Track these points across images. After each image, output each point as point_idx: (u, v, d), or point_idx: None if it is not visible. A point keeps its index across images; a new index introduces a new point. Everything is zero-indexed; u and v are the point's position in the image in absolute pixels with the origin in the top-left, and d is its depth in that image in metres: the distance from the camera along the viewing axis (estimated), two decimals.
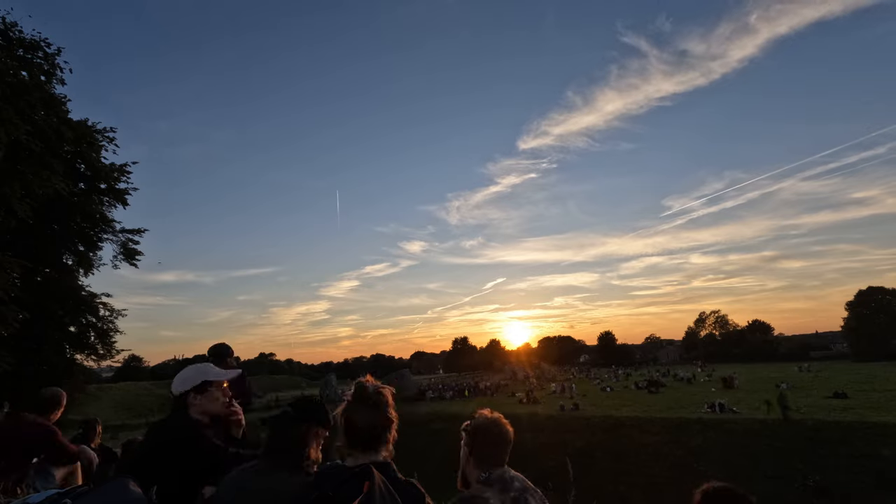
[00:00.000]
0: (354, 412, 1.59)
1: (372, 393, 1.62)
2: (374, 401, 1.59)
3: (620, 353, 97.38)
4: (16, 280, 14.36)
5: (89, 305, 18.52)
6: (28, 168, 13.41)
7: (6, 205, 12.95)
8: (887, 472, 14.21)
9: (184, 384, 2.05)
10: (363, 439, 1.54)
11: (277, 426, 1.72)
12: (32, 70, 14.57)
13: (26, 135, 12.82)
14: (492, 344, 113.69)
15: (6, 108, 12.18)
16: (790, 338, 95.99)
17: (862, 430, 16.91)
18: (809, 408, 21.72)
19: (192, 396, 2.03)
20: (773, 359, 73.40)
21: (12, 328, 13.15)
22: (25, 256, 14.39)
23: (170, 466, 1.84)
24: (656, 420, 22.18)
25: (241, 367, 2.78)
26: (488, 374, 71.10)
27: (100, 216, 18.60)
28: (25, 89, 13.54)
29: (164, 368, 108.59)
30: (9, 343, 13.76)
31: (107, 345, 19.09)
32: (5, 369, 13.25)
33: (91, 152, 17.46)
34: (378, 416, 1.57)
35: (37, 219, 14.54)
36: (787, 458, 16.30)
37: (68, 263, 18.72)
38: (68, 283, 18.01)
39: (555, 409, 28.38)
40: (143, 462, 1.95)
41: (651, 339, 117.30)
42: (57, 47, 14.93)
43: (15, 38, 14.03)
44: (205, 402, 2.04)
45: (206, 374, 2.06)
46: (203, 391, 2.04)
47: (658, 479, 16.64)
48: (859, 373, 39.89)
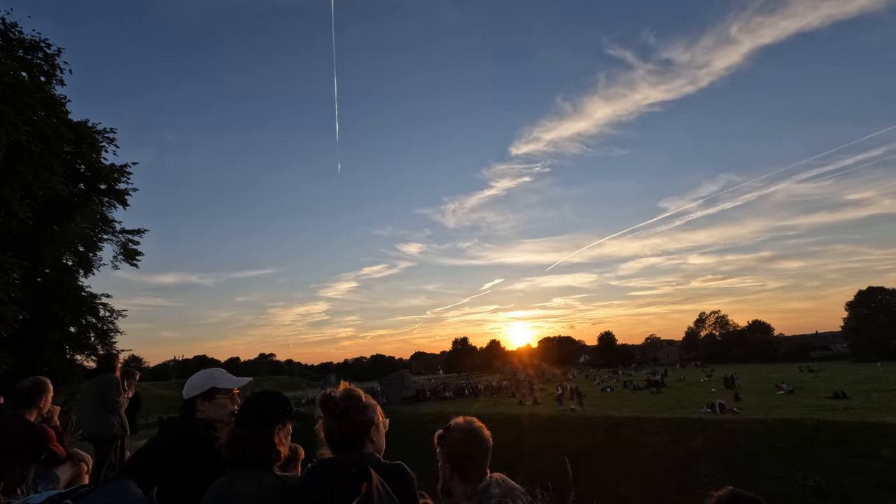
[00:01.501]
0: (326, 424, 1.57)
1: (339, 401, 1.58)
2: (342, 409, 1.57)
3: (621, 353, 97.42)
4: (16, 281, 14.36)
5: (89, 306, 18.50)
6: (28, 169, 13.41)
7: (6, 205, 12.94)
8: (887, 473, 14.21)
9: (192, 390, 2.03)
10: (342, 445, 1.55)
11: (240, 432, 1.64)
12: (32, 71, 14.56)
13: (26, 135, 12.82)
14: (492, 344, 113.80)
15: (6, 109, 12.19)
16: (790, 338, 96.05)
17: (862, 431, 16.91)
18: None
19: (199, 402, 2.01)
20: (773, 359, 73.43)
21: (12, 329, 13.14)
22: (25, 257, 14.39)
23: (178, 462, 1.83)
24: (656, 420, 22.19)
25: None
26: (489, 375, 71.06)
27: (100, 217, 18.60)
28: (25, 90, 13.54)
29: (164, 369, 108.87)
30: (8, 344, 13.76)
31: (107, 345, 19.05)
32: (5, 370, 13.23)
33: (91, 153, 17.45)
34: (349, 425, 1.54)
35: (37, 219, 14.54)
36: (787, 458, 16.29)
37: (68, 264, 18.71)
38: (68, 284, 18.00)
39: (555, 409, 28.40)
40: (151, 459, 1.95)
41: (651, 339, 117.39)
42: (57, 48, 14.93)
43: (15, 38, 14.03)
44: (212, 409, 2.02)
45: (215, 381, 2.04)
46: (211, 398, 2.02)
47: (658, 479, 16.64)
48: (859, 373, 39.90)
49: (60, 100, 15.87)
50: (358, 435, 1.56)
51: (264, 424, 1.65)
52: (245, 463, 1.58)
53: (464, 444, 1.68)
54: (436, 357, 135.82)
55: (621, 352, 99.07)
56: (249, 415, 1.69)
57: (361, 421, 1.57)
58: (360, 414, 1.58)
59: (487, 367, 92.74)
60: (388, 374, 47.74)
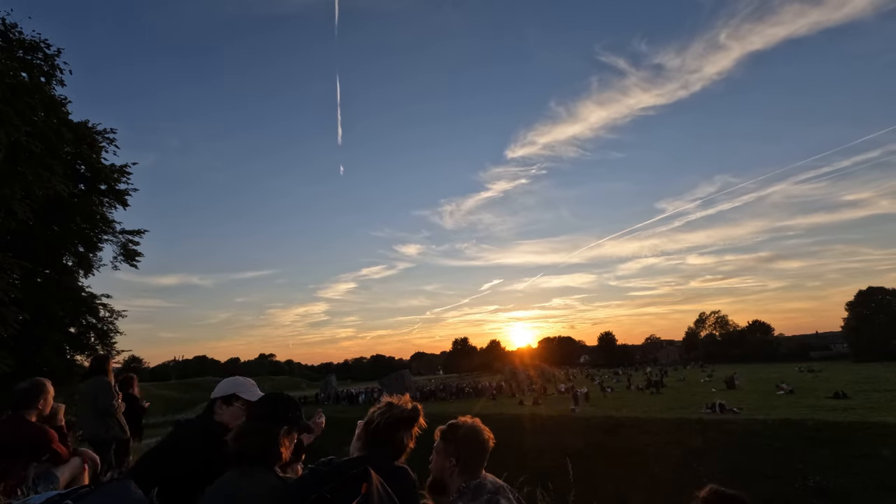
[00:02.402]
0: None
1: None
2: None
3: (621, 353, 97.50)
4: (16, 281, 14.36)
5: (89, 306, 18.48)
6: (28, 169, 13.41)
7: (6, 206, 12.94)
8: (888, 473, 14.21)
9: (217, 391, 2.11)
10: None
11: (250, 425, 1.69)
12: (32, 71, 14.58)
13: (26, 136, 12.82)
14: (492, 344, 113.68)
15: (6, 110, 12.19)
16: (790, 338, 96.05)
17: (862, 431, 16.91)
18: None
19: (219, 405, 2.08)
20: (773, 359, 73.41)
21: (12, 329, 13.15)
22: (25, 258, 14.39)
23: (188, 459, 1.87)
24: (656, 420, 22.19)
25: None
26: (489, 375, 71.03)
27: (100, 217, 18.59)
28: (25, 90, 13.55)
29: (164, 369, 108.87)
30: (8, 344, 13.76)
31: (107, 346, 19.04)
32: (5, 371, 13.23)
33: (91, 153, 17.45)
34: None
35: (37, 220, 14.54)
36: (787, 458, 16.29)
37: (68, 264, 18.69)
38: (68, 284, 17.99)
39: (555, 409, 28.38)
40: (161, 457, 1.98)
41: (651, 339, 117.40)
42: (57, 48, 14.94)
43: (15, 39, 14.05)
44: (227, 414, 2.07)
45: (238, 389, 2.09)
46: (230, 403, 2.07)
47: (658, 479, 16.64)
48: (860, 373, 39.89)
49: (60, 100, 15.88)
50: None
51: (276, 422, 1.69)
52: (248, 457, 1.61)
53: (472, 441, 1.75)
54: (436, 357, 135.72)
55: (621, 352, 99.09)
56: (263, 409, 1.76)
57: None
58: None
59: (488, 367, 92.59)
60: (388, 375, 47.78)
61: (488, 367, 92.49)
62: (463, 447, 1.73)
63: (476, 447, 1.74)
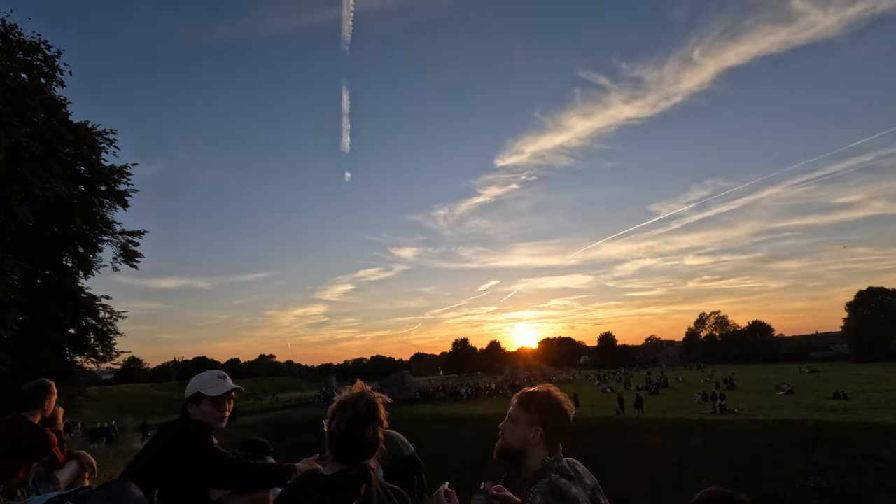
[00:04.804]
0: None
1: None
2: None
3: (621, 353, 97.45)
4: (15, 282, 14.36)
5: (89, 307, 18.49)
6: (28, 170, 13.42)
7: (6, 207, 12.94)
8: (888, 473, 14.20)
9: (187, 391, 2.16)
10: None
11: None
12: (32, 72, 14.59)
13: (26, 137, 12.84)
14: (492, 345, 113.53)
15: (6, 111, 12.20)
16: (790, 338, 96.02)
17: (863, 431, 16.90)
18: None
19: (189, 405, 2.13)
20: (773, 359, 73.40)
21: (12, 330, 13.15)
22: (25, 258, 14.40)
23: (173, 459, 1.93)
24: (656, 420, 22.18)
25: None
26: (489, 376, 70.99)
27: (100, 218, 18.60)
28: (26, 91, 13.57)
29: (163, 370, 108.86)
30: (8, 345, 13.76)
31: (106, 347, 19.06)
32: (4, 372, 13.24)
33: (91, 154, 17.46)
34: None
35: (37, 221, 14.54)
36: (787, 458, 16.28)
37: (68, 265, 18.70)
38: (68, 285, 17.99)
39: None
40: (148, 459, 2.02)
41: (651, 339, 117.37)
42: (56, 49, 14.96)
43: (15, 40, 14.06)
44: (199, 413, 2.11)
45: (201, 387, 2.13)
46: (197, 402, 2.11)
47: (658, 479, 16.62)
48: (860, 373, 39.88)
49: (60, 101, 15.90)
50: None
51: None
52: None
53: (559, 411, 1.60)
54: (436, 358, 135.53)
55: (622, 352, 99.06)
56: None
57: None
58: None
59: (488, 367, 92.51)
60: (389, 375, 47.77)
61: (489, 367, 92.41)
62: (549, 417, 1.59)
63: (563, 418, 1.60)
